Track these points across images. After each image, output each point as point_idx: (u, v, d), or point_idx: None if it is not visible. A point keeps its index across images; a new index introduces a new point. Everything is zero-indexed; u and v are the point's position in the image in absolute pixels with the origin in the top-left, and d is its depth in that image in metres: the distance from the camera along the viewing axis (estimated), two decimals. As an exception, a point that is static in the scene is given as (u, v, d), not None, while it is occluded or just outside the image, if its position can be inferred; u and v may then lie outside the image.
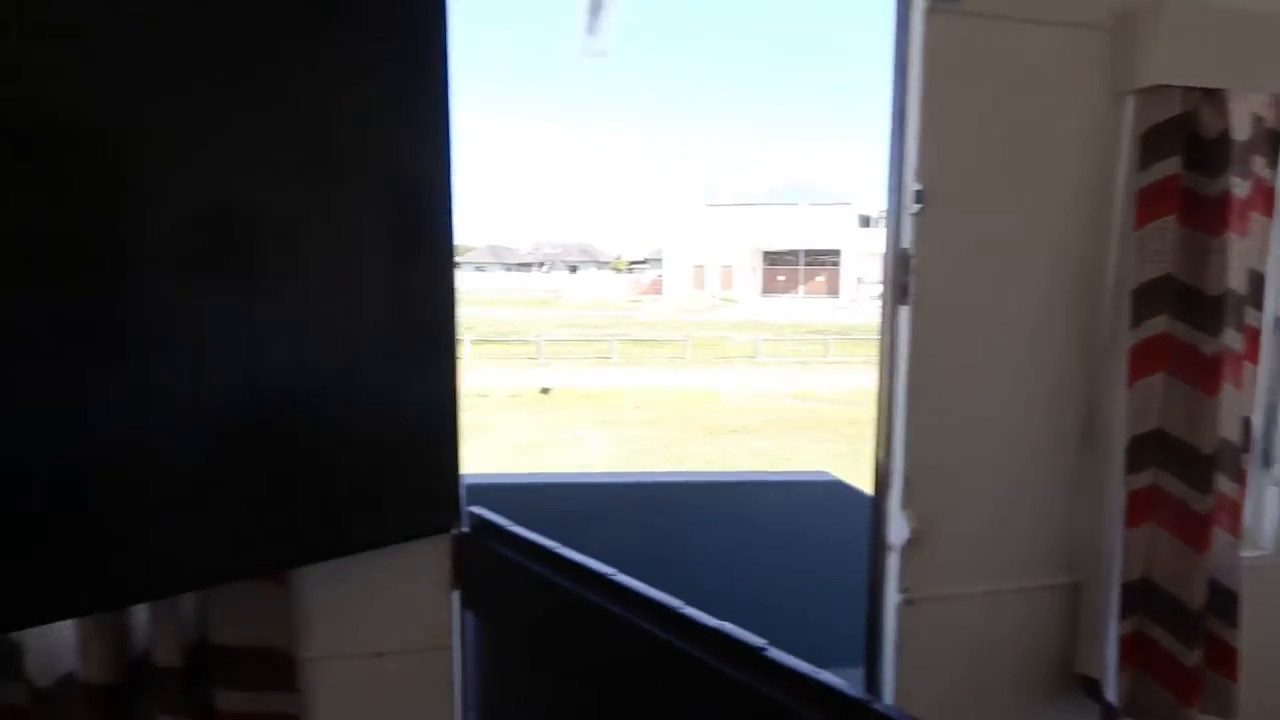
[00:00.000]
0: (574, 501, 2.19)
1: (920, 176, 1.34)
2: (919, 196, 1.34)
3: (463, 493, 1.25)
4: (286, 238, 1.06)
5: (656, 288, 37.62)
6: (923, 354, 1.38)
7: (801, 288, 35.06)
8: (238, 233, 1.03)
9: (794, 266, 35.64)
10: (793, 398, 13.42)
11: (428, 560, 1.28)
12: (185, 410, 1.01)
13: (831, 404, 12.83)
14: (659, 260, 40.10)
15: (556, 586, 1.11)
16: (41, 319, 0.92)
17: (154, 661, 1.12)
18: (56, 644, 1.14)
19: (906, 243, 1.37)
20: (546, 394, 13.61)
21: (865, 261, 32.98)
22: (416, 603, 1.29)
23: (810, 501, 2.32)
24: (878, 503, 1.46)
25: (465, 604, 1.31)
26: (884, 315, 1.43)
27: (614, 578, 1.03)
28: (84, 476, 0.95)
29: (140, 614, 1.15)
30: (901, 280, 1.38)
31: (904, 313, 1.39)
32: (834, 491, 2.34)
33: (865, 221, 34.27)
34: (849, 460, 8.64)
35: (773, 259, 35.91)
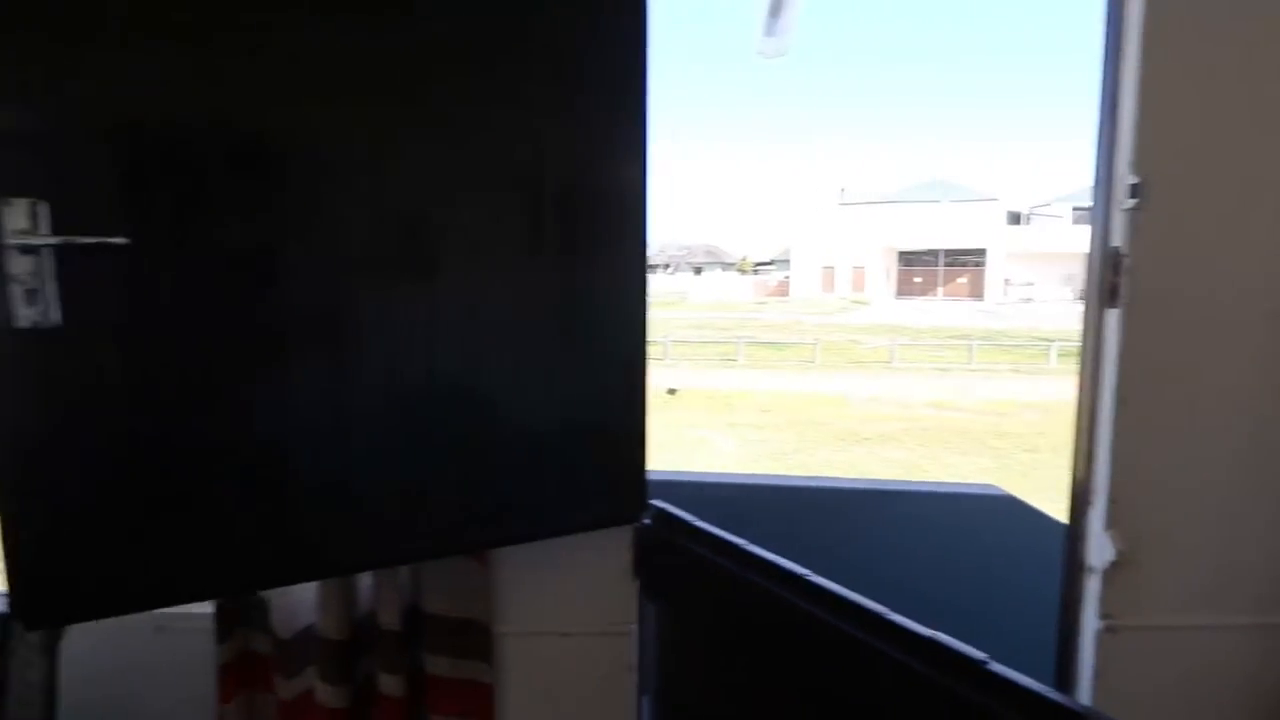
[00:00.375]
0: (729, 500, 2.20)
1: (1136, 168, 1.24)
2: (1134, 190, 1.24)
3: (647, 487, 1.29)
4: (499, 247, 1.15)
5: (783, 289, 36.94)
6: (1134, 360, 1.27)
7: (940, 289, 33.14)
8: (456, 244, 1.13)
9: (932, 267, 33.74)
10: (931, 406, 12.70)
11: (612, 549, 1.34)
12: (410, 409, 1.12)
13: (975, 414, 12.02)
14: (786, 261, 39.35)
15: (744, 582, 1.12)
16: (290, 324, 1.06)
17: (379, 624, 1.25)
18: (296, 602, 1.29)
19: (1117, 240, 1.27)
20: (673, 394, 13.72)
21: (1014, 261, 30.66)
22: (600, 589, 1.35)
23: (978, 516, 2.18)
24: (1075, 520, 1.36)
25: (644, 593, 1.36)
26: (1087, 319, 1.33)
27: (810, 578, 1.03)
28: (330, 468, 1.08)
29: (365, 580, 1.28)
30: (1110, 281, 1.28)
31: (1112, 316, 1.29)
32: (1005, 507, 2.19)
33: (1015, 218, 31.86)
34: (997, 476, 8.06)
35: (908, 259, 34.21)
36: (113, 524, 0.98)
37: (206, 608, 1.33)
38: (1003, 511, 2.17)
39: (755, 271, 45.67)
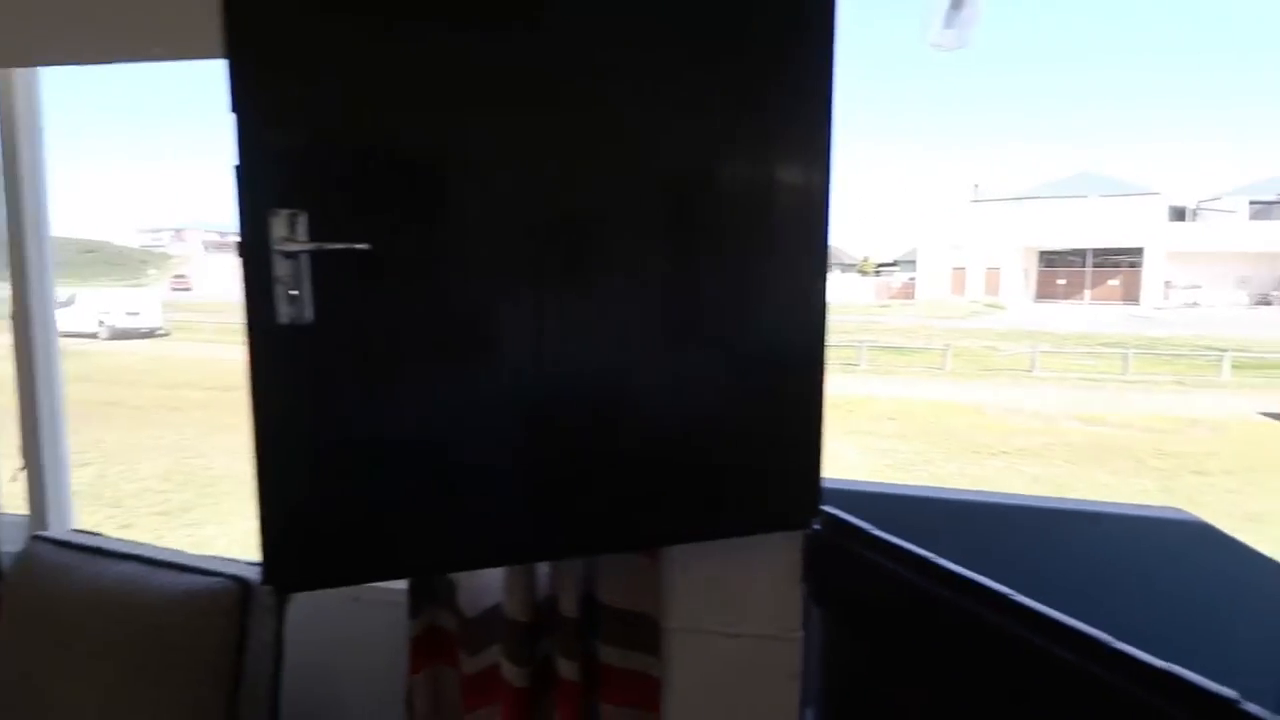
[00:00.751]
0: (878, 508, 2.13)
1: None
2: None
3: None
4: (686, 247, 1.17)
5: (907, 291, 35.25)
6: None
7: (1087, 292, 30.43)
8: (642, 246, 1.17)
9: (1078, 268, 31.02)
10: (1078, 419, 11.69)
11: (782, 553, 1.33)
12: (592, 406, 1.17)
13: (1131, 430, 10.94)
14: (911, 263, 37.54)
15: (930, 597, 1.08)
16: (484, 325, 1.12)
17: (558, 610, 1.31)
18: (482, 584, 1.38)
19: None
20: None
21: (1175, 262, 27.68)
22: (768, 593, 1.35)
23: (1164, 542, 1.98)
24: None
25: (812, 599, 1.34)
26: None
27: (1013, 597, 0.98)
28: (514, 463, 1.15)
29: (543, 568, 1.35)
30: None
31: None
32: (1196, 534, 1.97)
33: (1179, 214, 28.72)
34: (1162, 500, 7.29)
35: (1050, 260, 31.64)
36: (342, 505, 1.09)
37: (400, 584, 1.45)
38: (1194, 539, 1.96)
39: (877, 273, 43.90)
